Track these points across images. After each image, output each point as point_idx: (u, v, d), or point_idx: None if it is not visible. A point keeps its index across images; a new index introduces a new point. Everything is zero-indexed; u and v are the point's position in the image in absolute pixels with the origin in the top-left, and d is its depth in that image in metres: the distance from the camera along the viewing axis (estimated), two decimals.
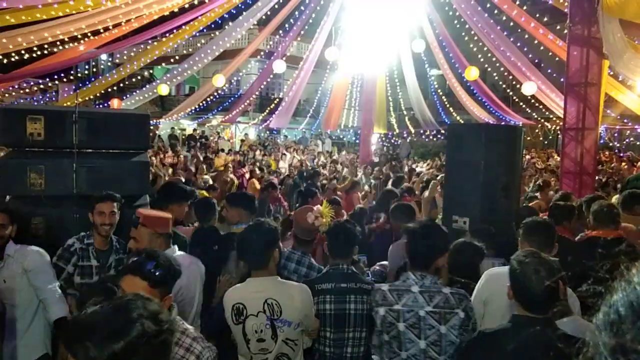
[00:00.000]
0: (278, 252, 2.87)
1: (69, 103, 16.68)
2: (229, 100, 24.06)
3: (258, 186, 10.79)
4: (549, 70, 17.49)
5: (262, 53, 21.58)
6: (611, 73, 10.57)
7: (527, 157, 18.80)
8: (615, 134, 21.50)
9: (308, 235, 3.63)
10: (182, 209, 4.36)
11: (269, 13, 17.25)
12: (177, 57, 21.78)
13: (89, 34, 14.28)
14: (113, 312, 1.29)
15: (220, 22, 18.03)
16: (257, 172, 12.61)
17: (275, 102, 23.40)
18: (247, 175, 11.98)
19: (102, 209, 3.74)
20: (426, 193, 8.04)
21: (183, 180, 8.62)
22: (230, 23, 18.65)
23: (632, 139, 21.17)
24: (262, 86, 22.67)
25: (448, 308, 2.63)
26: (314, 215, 3.57)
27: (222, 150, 20.04)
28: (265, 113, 23.98)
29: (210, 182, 9.39)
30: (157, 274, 2.12)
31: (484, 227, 4.16)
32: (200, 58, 18.41)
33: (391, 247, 4.50)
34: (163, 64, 23.52)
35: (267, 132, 27.90)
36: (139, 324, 1.27)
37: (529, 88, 16.23)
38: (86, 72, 28.15)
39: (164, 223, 3.24)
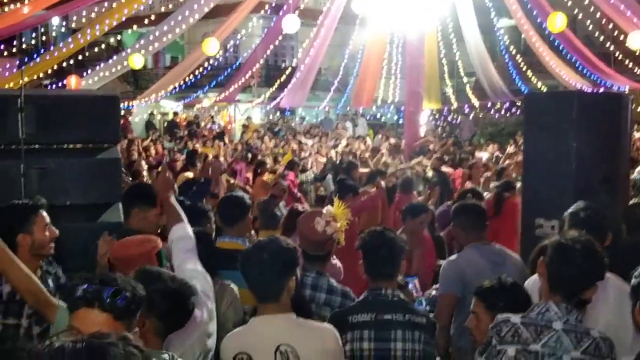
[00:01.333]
0: (295, 280, 2.88)
1: (11, 84, 17.01)
2: (225, 73, 24.15)
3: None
4: None
5: (267, 7, 21.58)
6: None
7: (638, 134, 18.47)
8: None
9: (320, 249, 3.63)
10: (151, 216, 4.40)
11: None
12: (152, 17, 21.95)
13: None
14: (86, 353, 1.31)
15: None
16: (268, 165, 12.64)
17: (287, 72, 23.46)
18: (244, 171, 12.09)
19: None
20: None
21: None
22: None
23: None
24: (269, 52, 22.71)
25: (598, 357, 2.66)
26: (323, 221, 3.56)
27: (220, 135, 20.14)
28: (274, 88, 24.07)
29: None
30: (120, 302, 2.16)
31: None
32: (185, 17, 18.55)
33: (445, 264, 4.47)
34: (134, 27, 23.73)
35: (278, 113, 28.03)
36: None
37: (637, 40, 15.94)
38: (33, 42, 28.69)
39: (144, 260, 3.25)
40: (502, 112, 23.75)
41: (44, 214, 3.67)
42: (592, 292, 2.81)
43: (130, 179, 9.33)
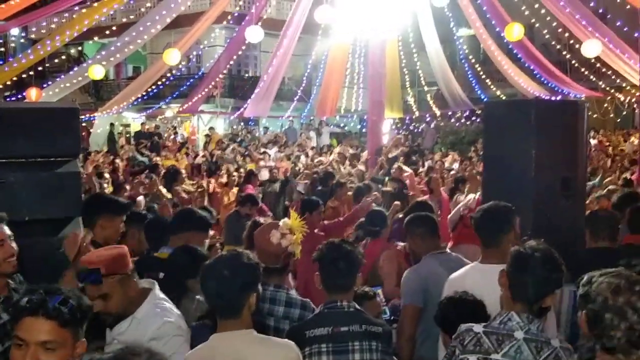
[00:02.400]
0: (256, 297, 2.85)
1: None
2: (188, 83, 24.02)
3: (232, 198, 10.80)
4: (618, 24, 17.56)
5: (229, 17, 21.56)
6: None
7: (594, 141, 18.87)
8: None
9: (276, 262, 3.60)
10: (114, 226, 4.33)
11: None
12: (114, 28, 21.79)
13: None
14: None
15: None
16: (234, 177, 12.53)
17: (251, 82, 23.42)
18: (213, 185, 11.86)
19: None
20: (461, 199, 8.05)
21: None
22: None
23: None
24: (232, 62, 22.67)
25: None
26: (279, 233, 3.54)
27: (184, 146, 19.92)
28: (237, 98, 24.00)
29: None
30: (65, 309, 2.16)
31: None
32: (146, 27, 18.42)
33: (406, 275, 4.46)
34: (96, 38, 23.50)
35: (242, 123, 27.93)
36: None
37: (591, 48, 16.27)
38: None
39: (124, 260, 3.17)
40: (463, 121, 24.03)
41: (4, 228, 3.49)
42: (553, 300, 2.85)
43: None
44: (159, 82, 21.69)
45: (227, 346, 2.74)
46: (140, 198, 8.63)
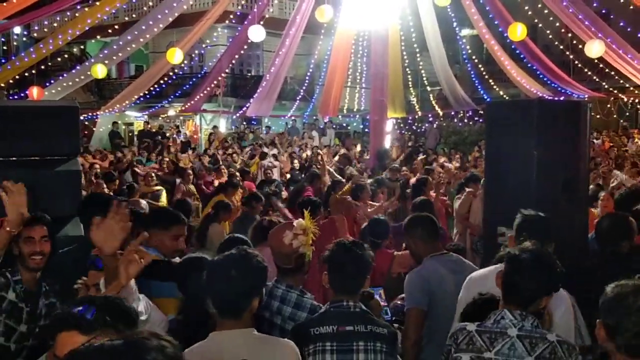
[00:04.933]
0: (259, 300, 2.85)
1: None
2: (190, 82, 24.01)
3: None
4: (621, 24, 17.52)
5: (232, 16, 21.56)
6: None
7: (597, 141, 18.84)
8: None
9: (288, 262, 3.59)
10: None
11: None
12: (116, 27, 21.80)
13: None
14: (123, 349, 1.41)
15: None
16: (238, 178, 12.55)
17: (253, 81, 23.41)
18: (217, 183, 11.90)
19: (31, 234, 3.74)
20: (456, 204, 8.06)
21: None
22: None
23: None
24: (234, 61, 22.65)
25: None
26: (292, 234, 3.52)
27: (189, 146, 19.84)
28: (239, 97, 23.97)
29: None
30: (90, 317, 2.12)
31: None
32: (149, 26, 18.41)
33: (409, 277, 4.44)
34: (98, 37, 23.56)
35: (244, 122, 27.94)
36: None
37: (595, 48, 16.23)
38: None
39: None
40: (466, 121, 23.99)
41: (42, 228, 3.79)
42: (546, 302, 2.86)
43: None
44: (162, 81, 21.69)
45: (228, 344, 2.73)
46: None
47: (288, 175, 14.49)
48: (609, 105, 22.91)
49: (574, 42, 19.09)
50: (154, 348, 1.43)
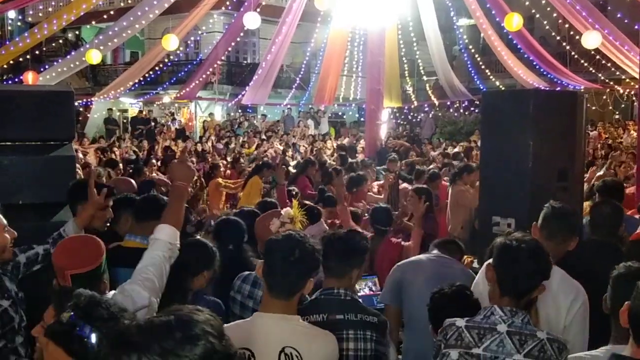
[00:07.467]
0: (311, 282, 2.81)
1: None
2: (186, 69, 23.92)
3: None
4: (619, 15, 17.51)
5: (228, 3, 21.45)
6: None
7: (593, 133, 18.87)
8: None
9: None
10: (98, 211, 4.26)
11: None
12: (112, 13, 21.64)
13: None
14: (174, 324, 1.47)
15: None
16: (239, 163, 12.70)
17: (249, 69, 23.33)
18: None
19: None
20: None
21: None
22: None
23: None
24: (230, 48, 22.56)
25: (542, 359, 2.64)
26: (279, 222, 3.50)
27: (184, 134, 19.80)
28: (235, 85, 23.89)
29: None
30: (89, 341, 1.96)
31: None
32: (144, 12, 18.31)
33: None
34: (93, 23, 23.34)
35: (239, 110, 27.87)
36: (205, 341, 1.47)
37: (591, 40, 16.23)
38: None
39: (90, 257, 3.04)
40: (461, 111, 23.99)
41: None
42: (540, 292, 2.82)
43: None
44: (157, 68, 21.60)
45: (274, 328, 2.70)
46: None
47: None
48: (604, 97, 22.92)
49: (571, 33, 19.08)
50: (203, 322, 1.50)
